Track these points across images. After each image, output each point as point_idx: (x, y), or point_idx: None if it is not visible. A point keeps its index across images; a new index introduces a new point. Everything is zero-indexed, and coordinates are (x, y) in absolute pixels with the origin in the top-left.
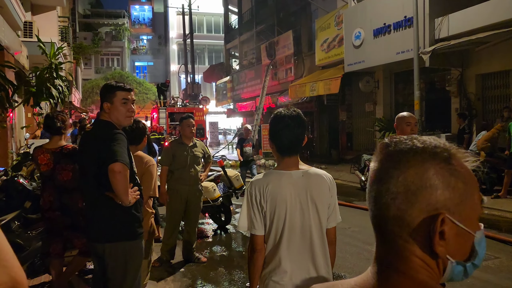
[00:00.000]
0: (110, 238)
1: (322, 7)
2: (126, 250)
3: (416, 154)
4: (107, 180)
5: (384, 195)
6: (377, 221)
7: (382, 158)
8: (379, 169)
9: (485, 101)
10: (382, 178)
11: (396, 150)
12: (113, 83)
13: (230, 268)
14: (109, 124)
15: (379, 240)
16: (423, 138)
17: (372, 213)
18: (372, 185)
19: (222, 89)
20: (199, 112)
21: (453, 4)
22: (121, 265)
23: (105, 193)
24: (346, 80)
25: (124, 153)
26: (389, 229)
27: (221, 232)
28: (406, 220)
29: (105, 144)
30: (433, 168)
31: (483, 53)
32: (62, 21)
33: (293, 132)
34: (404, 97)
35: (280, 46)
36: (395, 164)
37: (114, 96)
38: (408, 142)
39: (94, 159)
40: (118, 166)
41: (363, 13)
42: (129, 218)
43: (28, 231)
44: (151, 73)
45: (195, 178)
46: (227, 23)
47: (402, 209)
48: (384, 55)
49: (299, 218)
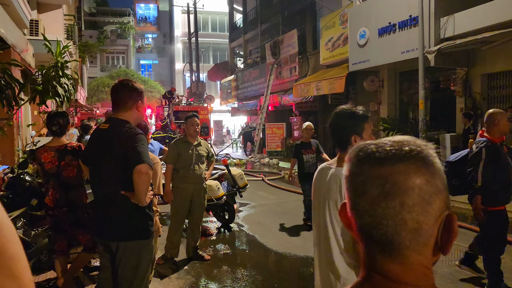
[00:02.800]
0: (124, 237)
1: (327, 6)
2: (139, 248)
3: (419, 161)
4: (127, 180)
5: (399, 210)
6: (390, 238)
7: (378, 170)
8: (382, 183)
9: (491, 101)
10: (391, 192)
11: (394, 158)
12: (137, 83)
13: (234, 266)
14: (128, 124)
15: (382, 253)
16: (406, 141)
17: (383, 230)
18: (378, 202)
19: (227, 88)
20: (204, 110)
21: (459, 3)
22: (134, 263)
23: (122, 192)
24: (350, 79)
25: (147, 154)
26: (403, 245)
27: (225, 230)
28: (423, 231)
29: (129, 145)
30: (437, 172)
31: (489, 52)
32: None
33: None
34: (408, 97)
35: (284, 45)
36: (401, 175)
37: (144, 96)
38: (399, 148)
39: (116, 158)
40: (145, 167)
41: (368, 12)
42: (143, 217)
43: (34, 228)
44: (156, 71)
45: (200, 177)
46: (232, 22)
47: (420, 221)
48: (389, 54)
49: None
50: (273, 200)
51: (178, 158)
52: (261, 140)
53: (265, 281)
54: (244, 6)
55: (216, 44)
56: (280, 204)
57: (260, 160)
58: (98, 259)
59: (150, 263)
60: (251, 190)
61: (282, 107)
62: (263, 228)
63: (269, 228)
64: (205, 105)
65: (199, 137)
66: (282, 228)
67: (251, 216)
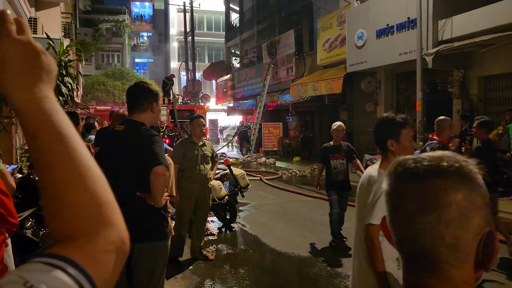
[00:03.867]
0: (140, 239)
1: (324, 7)
2: (154, 250)
3: (458, 177)
4: (143, 181)
5: (436, 225)
6: (427, 252)
7: (415, 185)
8: (419, 198)
9: (487, 103)
10: (428, 207)
11: (431, 173)
12: (152, 86)
13: (238, 266)
14: (144, 125)
15: (420, 267)
16: (446, 156)
17: (420, 245)
18: (415, 217)
19: (223, 87)
20: (200, 109)
21: (457, 6)
22: (149, 265)
23: (137, 193)
24: (347, 80)
25: (164, 156)
26: (441, 259)
27: (226, 230)
28: (461, 247)
29: (146, 146)
30: (477, 189)
31: (486, 55)
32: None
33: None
34: (405, 98)
35: (281, 45)
36: (438, 191)
37: (159, 98)
38: (437, 163)
39: (132, 160)
40: (162, 169)
41: (366, 13)
42: (159, 218)
43: (42, 228)
44: (151, 70)
45: (205, 177)
46: (228, 21)
47: (457, 237)
48: (387, 56)
49: None
50: (272, 200)
51: (183, 158)
52: (257, 139)
53: (270, 281)
54: (241, 5)
55: (211, 43)
56: (280, 204)
57: (257, 160)
58: None
59: (166, 264)
60: (251, 190)
61: (278, 107)
62: (264, 228)
63: (271, 228)
64: (201, 104)
65: (203, 138)
66: (283, 227)
67: (252, 216)
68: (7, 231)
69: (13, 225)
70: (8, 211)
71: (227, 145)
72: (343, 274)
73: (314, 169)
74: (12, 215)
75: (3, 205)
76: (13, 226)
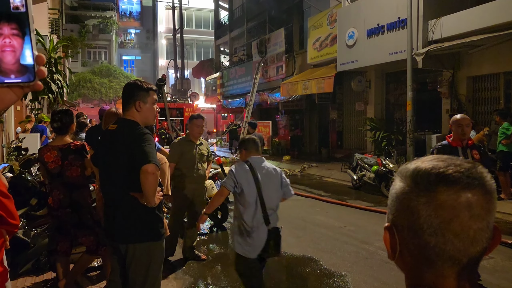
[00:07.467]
0: (134, 239)
1: (314, 5)
2: (149, 250)
3: (475, 182)
4: (135, 181)
5: (485, 231)
6: (471, 259)
7: (437, 193)
8: (472, 204)
9: (476, 103)
10: (480, 214)
11: (450, 180)
12: (144, 83)
13: (230, 266)
14: (136, 124)
15: (450, 275)
16: (466, 163)
17: (467, 251)
18: (469, 224)
19: (212, 85)
20: (189, 108)
21: (447, 6)
22: (144, 266)
23: (130, 193)
24: (337, 79)
25: (155, 154)
26: (479, 260)
27: (217, 230)
28: (481, 248)
29: (136, 145)
30: (490, 192)
31: (475, 56)
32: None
33: None
34: (395, 97)
35: (271, 43)
36: (486, 198)
37: (148, 95)
38: (457, 170)
39: (123, 159)
40: (152, 167)
41: (356, 13)
42: (153, 218)
43: (34, 228)
44: (139, 67)
45: (203, 176)
46: (217, 19)
47: (488, 239)
48: (377, 55)
49: None
50: None
51: (181, 157)
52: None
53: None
54: (230, 3)
55: (200, 41)
56: None
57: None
58: (98, 260)
59: (161, 265)
60: None
61: (268, 105)
62: None
63: None
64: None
65: (200, 138)
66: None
67: None
68: (7, 232)
69: (14, 226)
70: (9, 213)
71: (216, 143)
72: (336, 273)
73: (304, 168)
74: (13, 217)
75: (4, 207)
76: (14, 227)
